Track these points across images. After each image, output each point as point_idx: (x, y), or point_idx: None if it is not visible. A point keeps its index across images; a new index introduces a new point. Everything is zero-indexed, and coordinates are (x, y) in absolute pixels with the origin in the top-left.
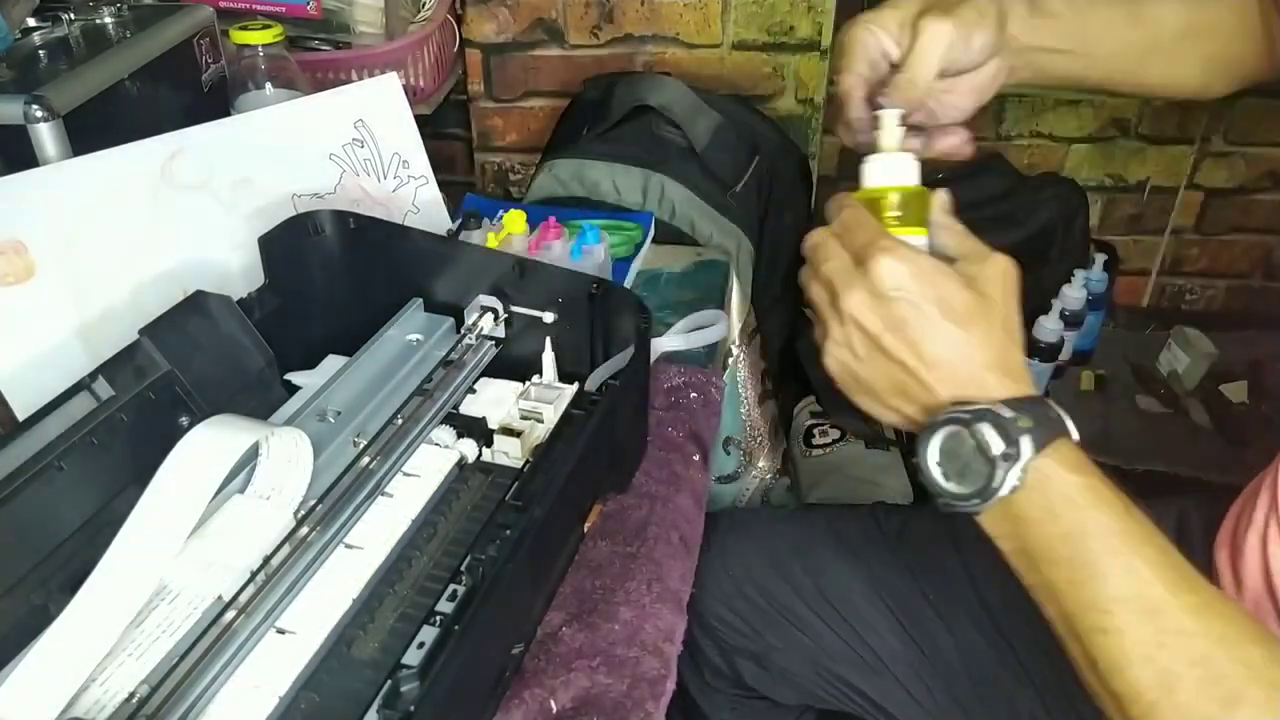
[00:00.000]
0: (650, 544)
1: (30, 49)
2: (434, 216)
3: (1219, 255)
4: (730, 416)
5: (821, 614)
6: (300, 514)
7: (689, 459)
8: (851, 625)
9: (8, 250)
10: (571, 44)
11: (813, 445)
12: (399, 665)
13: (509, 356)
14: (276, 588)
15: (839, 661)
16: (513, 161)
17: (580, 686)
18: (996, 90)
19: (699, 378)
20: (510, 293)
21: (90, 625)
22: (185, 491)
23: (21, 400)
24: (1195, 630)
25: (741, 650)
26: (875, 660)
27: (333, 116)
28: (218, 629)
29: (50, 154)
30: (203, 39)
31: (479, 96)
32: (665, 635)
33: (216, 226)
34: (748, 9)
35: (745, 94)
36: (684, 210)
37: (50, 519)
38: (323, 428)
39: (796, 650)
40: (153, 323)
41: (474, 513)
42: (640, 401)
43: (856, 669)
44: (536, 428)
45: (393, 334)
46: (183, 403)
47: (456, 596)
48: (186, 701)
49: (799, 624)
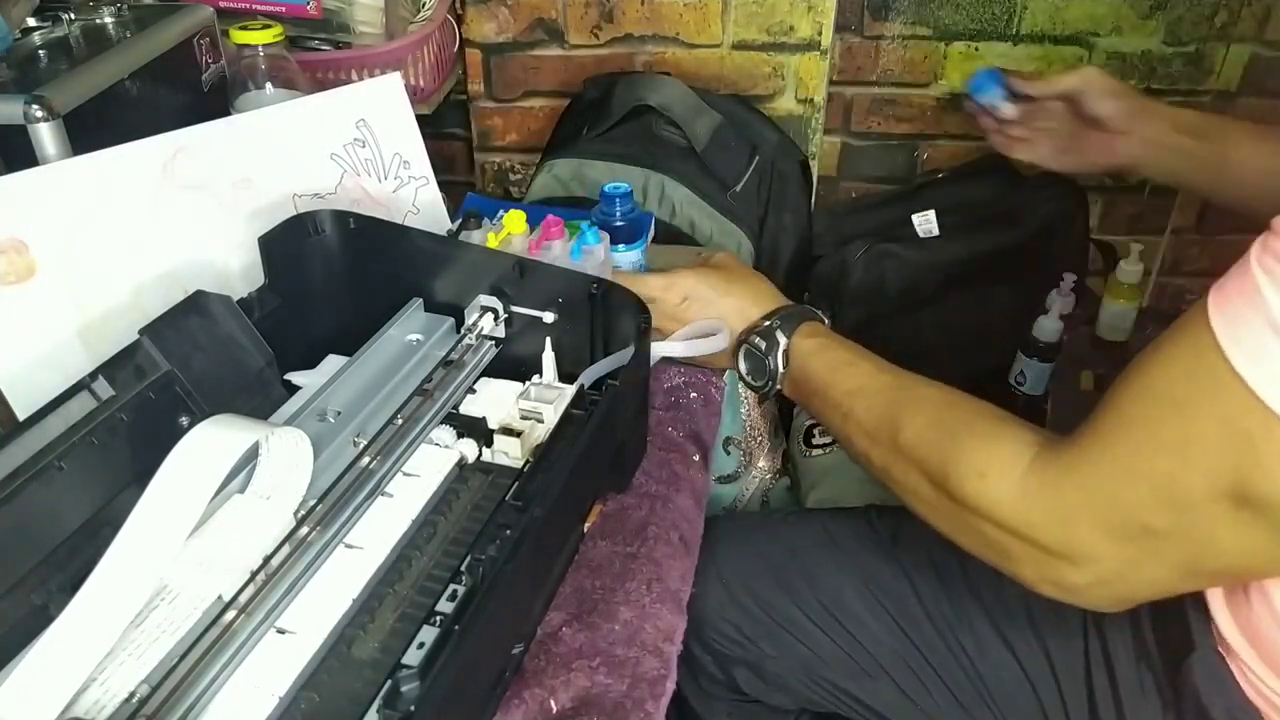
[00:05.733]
0: (650, 544)
1: (30, 49)
2: (434, 216)
3: (1219, 255)
4: (730, 416)
5: (816, 619)
6: (300, 514)
7: (689, 459)
8: (846, 629)
9: (8, 250)
10: (571, 44)
11: (813, 445)
12: (399, 665)
13: (509, 356)
14: (276, 588)
15: (834, 667)
16: (513, 161)
17: (580, 686)
18: (1110, 168)
19: (699, 378)
20: (510, 293)
21: (90, 625)
22: (185, 491)
23: (21, 400)
24: (893, 386)
25: (737, 659)
26: (871, 663)
27: (334, 116)
28: (218, 629)
29: (50, 154)
30: (203, 39)
31: (479, 96)
32: (665, 635)
33: (216, 226)
34: (748, 9)
35: (745, 94)
36: (684, 210)
37: (50, 519)
38: (323, 428)
39: (792, 657)
40: (153, 323)
41: (474, 513)
42: (640, 401)
43: (852, 674)
44: (536, 428)
45: (393, 334)
46: (183, 403)
47: (456, 596)
48: (186, 701)
49: (794, 630)
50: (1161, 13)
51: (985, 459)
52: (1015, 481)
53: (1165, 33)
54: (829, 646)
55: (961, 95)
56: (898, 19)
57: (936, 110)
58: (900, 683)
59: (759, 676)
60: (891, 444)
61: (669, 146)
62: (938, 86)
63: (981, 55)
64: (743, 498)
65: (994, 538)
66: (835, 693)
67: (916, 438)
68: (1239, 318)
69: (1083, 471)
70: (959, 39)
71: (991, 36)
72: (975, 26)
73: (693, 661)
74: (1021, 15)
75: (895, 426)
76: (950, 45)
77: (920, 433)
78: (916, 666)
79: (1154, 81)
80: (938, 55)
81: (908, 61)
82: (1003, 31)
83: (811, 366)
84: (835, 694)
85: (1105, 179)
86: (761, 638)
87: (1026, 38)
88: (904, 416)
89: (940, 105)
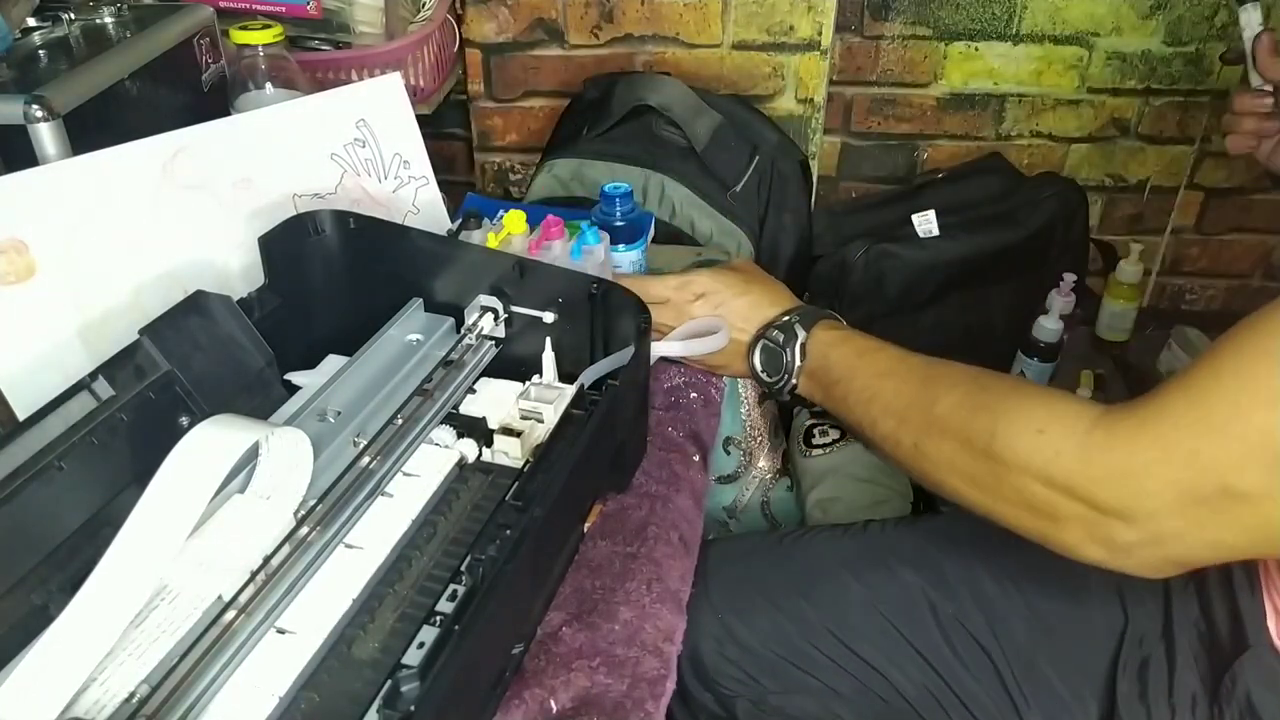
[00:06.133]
0: (650, 544)
1: (30, 49)
2: (434, 216)
3: (1219, 255)
4: (730, 416)
5: (824, 648)
6: (300, 514)
7: (689, 459)
8: (858, 655)
9: (8, 250)
10: (571, 44)
11: (813, 445)
12: (399, 665)
13: (509, 356)
14: (276, 588)
15: (848, 699)
16: (513, 161)
17: (580, 686)
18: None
19: (699, 377)
20: (510, 293)
21: (90, 625)
22: (185, 491)
23: (21, 400)
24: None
25: (737, 696)
26: (889, 690)
27: (334, 116)
28: (218, 629)
29: (50, 154)
30: (203, 39)
31: (479, 96)
32: (665, 635)
33: (216, 226)
34: (748, 9)
35: (745, 94)
36: (684, 210)
37: (50, 519)
38: (323, 428)
39: (801, 693)
40: (153, 323)
41: (474, 513)
42: (640, 401)
43: (869, 706)
44: (536, 428)
45: (393, 334)
46: (183, 403)
47: (456, 596)
48: (186, 701)
49: (801, 664)
50: (1161, 13)
51: (1045, 416)
52: (1079, 436)
53: (1165, 33)
54: (841, 677)
55: None
56: (898, 19)
57: (936, 110)
58: (920, 709)
59: (763, 713)
60: (925, 419)
61: (669, 146)
62: (938, 86)
63: (981, 55)
64: (743, 498)
65: (1041, 498)
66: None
67: (955, 406)
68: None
69: (1163, 425)
70: (959, 39)
71: (991, 36)
72: (975, 26)
73: (691, 701)
74: (1021, 15)
75: (930, 399)
76: (950, 45)
77: (960, 401)
78: (937, 691)
79: (1154, 81)
80: (938, 55)
81: (908, 61)
82: (1003, 31)
83: (834, 356)
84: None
85: (1105, 179)
86: (764, 674)
87: (1026, 38)
88: (939, 390)
89: (940, 105)
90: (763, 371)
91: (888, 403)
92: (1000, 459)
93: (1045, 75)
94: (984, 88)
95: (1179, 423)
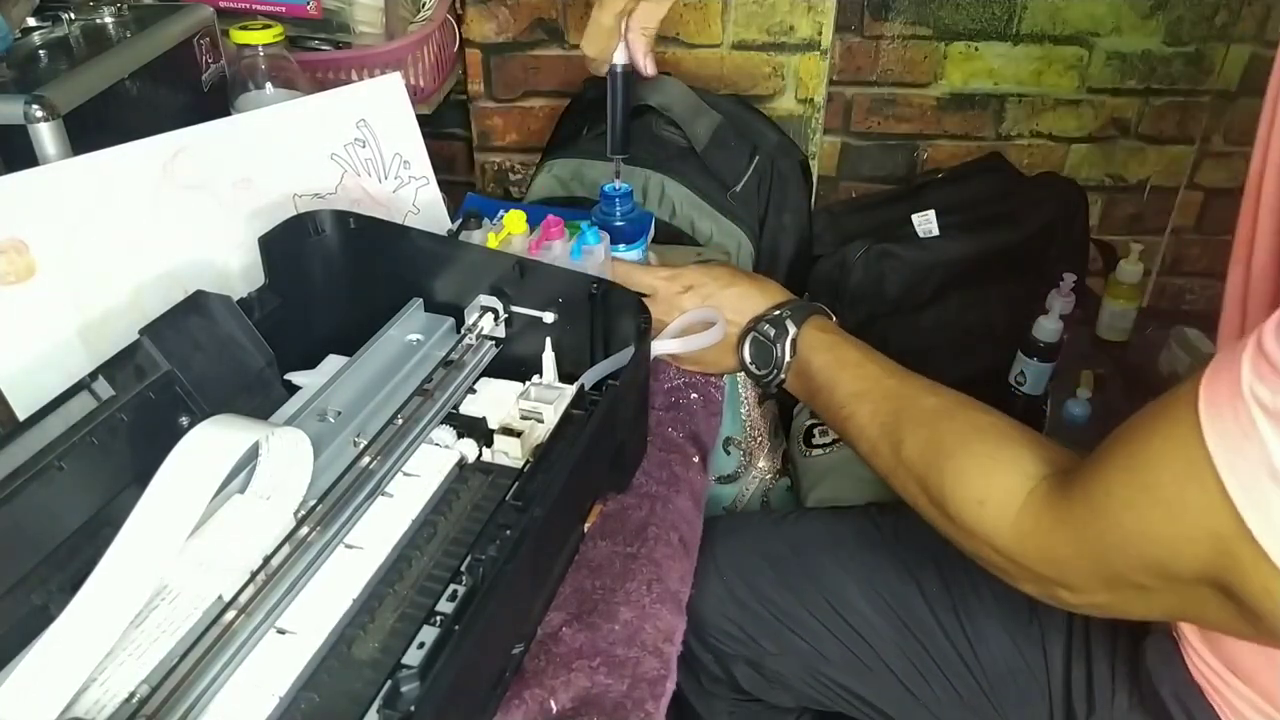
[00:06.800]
0: (650, 544)
1: (30, 49)
2: (434, 216)
3: (1219, 255)
4: (730, 416)
5: (818, 615)
6: (300, 514)
7: (689, 459)
8: (849, 624)
9: (8, 250)
10: (571, 44)
11: (813, 445)
12: (399, 665)
13: (509, 356)
14: (276, 588)
15: (836, 663)
16: (513, 161)
17: (580, 686)
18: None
19: (699, 378)
20: (510, 293)
21: (90, 625)
22: (185, 491)
23: (21, 400)
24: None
25: (737, 657)
26: (873, 658)
27: (334, 116)
28: (218, 629)
29: (50, 154)
30: (203, 39)
31: (479, 96)
32: (665, 635)
33: (216, 226)
34: (748, 9)
35: (745, 94)
36: (684, 210)
37: (50, 519)
38: (323, 428)
39: (792, 655)
40: (153, 323)
41: (474, 513)
42: (640, 401)
43: (854, 669)
44: (536, 428)
45: (393, 334)
46: (183, 403)
47: (456, 596)
48: (186, 701)
49: (795, 627)
50: (1161, 13)
51: (983, 487)
52: (1011, 517)
53: (1165, 33)
54: (831, 642)
55: None
56: (898, 19)
57: (936, 110)
58: (901, 676)
59: (760, 674)
60: (893, 457)
61: (669, 146)
62: (938, 86)
63: (981, 55)
64: (743, 498)
65: (994, 560)
66: (836, 689)
67: (917, 455)
68: (1235, 450)
69: (1073, 527)
70: (959, 39)
71: (991, 36)
72: (975, 26)
73: (693, 660)
74: (1021, 15)
75: (897, 439)
76: (950, 45)
77: (921, 450)
78: (917, 660)
79: (1154, 81)
80: (938, 55)
81: (908, 61)
82: (1003, 31)
83: (816, 363)
84: (836, 690)
85: (1105, 179)
86: (762, 635)
87: (1026, 38)
88: (905, 429)
89: (940, 105)
90: (752, 364)
91: (862, 427)
92: (954, 520)
93: (1045, 75)
94: (984, 88)
95: (1086, 530)
